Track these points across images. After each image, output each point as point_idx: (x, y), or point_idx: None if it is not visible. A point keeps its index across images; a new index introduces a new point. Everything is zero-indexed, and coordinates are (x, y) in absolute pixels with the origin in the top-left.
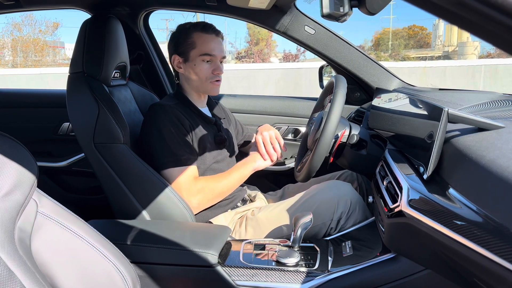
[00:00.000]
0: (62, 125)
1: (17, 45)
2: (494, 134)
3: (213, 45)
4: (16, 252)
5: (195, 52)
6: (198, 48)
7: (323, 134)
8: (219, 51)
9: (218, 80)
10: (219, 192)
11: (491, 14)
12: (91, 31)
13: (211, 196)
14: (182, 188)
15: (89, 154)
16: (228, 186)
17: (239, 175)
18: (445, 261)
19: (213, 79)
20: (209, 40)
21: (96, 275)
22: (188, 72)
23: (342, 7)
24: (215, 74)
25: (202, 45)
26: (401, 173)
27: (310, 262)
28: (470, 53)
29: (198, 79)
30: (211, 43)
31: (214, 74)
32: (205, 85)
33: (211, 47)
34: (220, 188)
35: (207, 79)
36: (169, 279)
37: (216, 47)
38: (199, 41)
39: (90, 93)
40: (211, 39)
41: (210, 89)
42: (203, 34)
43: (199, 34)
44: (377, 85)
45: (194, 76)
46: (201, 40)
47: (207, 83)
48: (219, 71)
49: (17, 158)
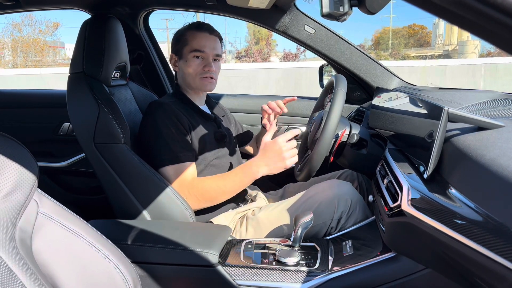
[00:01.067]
0: (63, 125)
1: (17, 45)
2: (494, 133)
3: (204, 42)
4: (17, 253)
5: (187, 48)
6: (189, 45)
7: (323, 133)
8: (211, 49)
9: (210, 77)
10: (217, 194)
11: (491, 13)
12: (91, 31)
13: (208, 197)
14: (180, 187)
15: (89, 154)
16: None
17: (238, 180)
18: (446, 260)
19: (203, 75)
20: (200, 37)
21: (97, 275)
22: (182, 69)
23: (342, 7)
24: (206, 70)
25: (193, 42)
26: (401, 172)
27: (311, 261)
28: (470, 52)
29: (190, 75)
30: (203, 40)
31: (205, 70)
32: (196, 81)
33: (201, 43)
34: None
35: (197, 75)
36: (169, 279)
37: (208, 44)
38: (191, 38)
39: (90, 93)
40: (203, 36)
41: (202, 85)
42: (195, 32)
43: (192, 32)
44: (377, 84)
45: (186, 73)
46: (192, 37)
47: (197, 79)
48: (209, 68)
49: (18, 159)
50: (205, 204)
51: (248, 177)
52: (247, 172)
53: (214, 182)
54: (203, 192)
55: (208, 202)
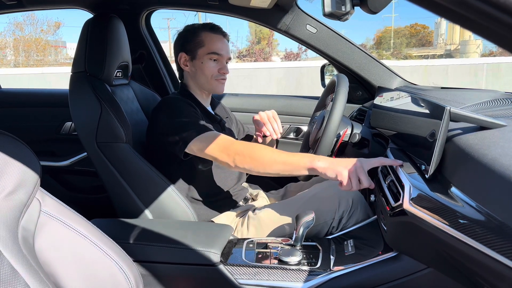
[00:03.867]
0: (65, 125)
1: (19, 44)
2: (496, 132)
3: (221, 45)
4: (20, 251)
5: (203, 50)
6: (206, 47)
7: (325, 133)
8: (226, 52)
9: (223, 78)
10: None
11: (493, 13)
12: (93, 30)
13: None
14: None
15: (91, 153)
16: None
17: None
18: (447, 259)
19: (219, 77)
20: (217, 40)
21: (99, 273)
22: (194, 70)
23: (343, 6)
24: (221, 73)
25: (210, 44)
26: (403, 171)
27: (312, 260)
28: (472, 51)
29: (205, 76)
30: (219, 42)
31: (220, 73)
32: (211, 83)
33: (218, 46)
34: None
35: (213, 77)
36: (171, 278)
37: (223, 47)
38: (207, 39)
39: (93, 93)
40: (219, 39)
41: (216, 86)
42: (211, 33)
43: (207, 34)
44: (379, 84)
45: (200, 74)
46: (209, 39)
47: (212, 80)
48: (225, 71)
49: (20, 158)
50: (252, 164)
51: (305, 158)
52: (305, 155)
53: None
54: (250, 150)
55: (256, 161)
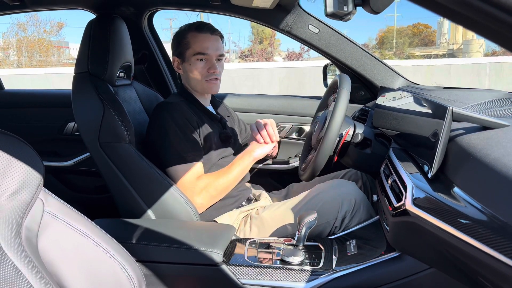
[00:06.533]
0: (68, 125)
1: (22, 45)
2: (499, 132)
3: (207, 44)
4: (23, 251)
5: (190, 51)
6: (192, 48)
7: (327, 133)
8: (214, 50)
9: (215, 78)
10: (222, 188)
11: (495, 13)
12: (95, 31)
13: (215, 193)
14: (186, 187)
15: (94, 153)
16: (230, 180)
17: (240, 168)
18: (450, 259)
19: (209, 77)
20: (202, 39)
21: (102, 273)
22: (185, 73)
23: (346, 6)
24: (210, 72)
25: (196, 44)
26: (405, 171)
27: (315, 260)
28: (475, 51)
29: (195, 78)
30: (205, 41)
31: (210, 72)
32: (202, 84)
33: (204, 45)
34: (223, 184)
35: (203, 78)
36: (174, 278)
37: (210, 46)
38: (193, 40)
39: (95, 93)
40: (205, 38)
41: (208, 88)
42: (197, 33)
43: (193, 34)
44: (382, 84)
45: (191, 76)
46: (194, 39)
47: (203, 81)
48: (214, 69)
49: (24, 158)
50: (214, 200)
51: (246, 157)
52: (243, 156)
53: (220, 176)
54: (212, 188)
55: (217, 197)
